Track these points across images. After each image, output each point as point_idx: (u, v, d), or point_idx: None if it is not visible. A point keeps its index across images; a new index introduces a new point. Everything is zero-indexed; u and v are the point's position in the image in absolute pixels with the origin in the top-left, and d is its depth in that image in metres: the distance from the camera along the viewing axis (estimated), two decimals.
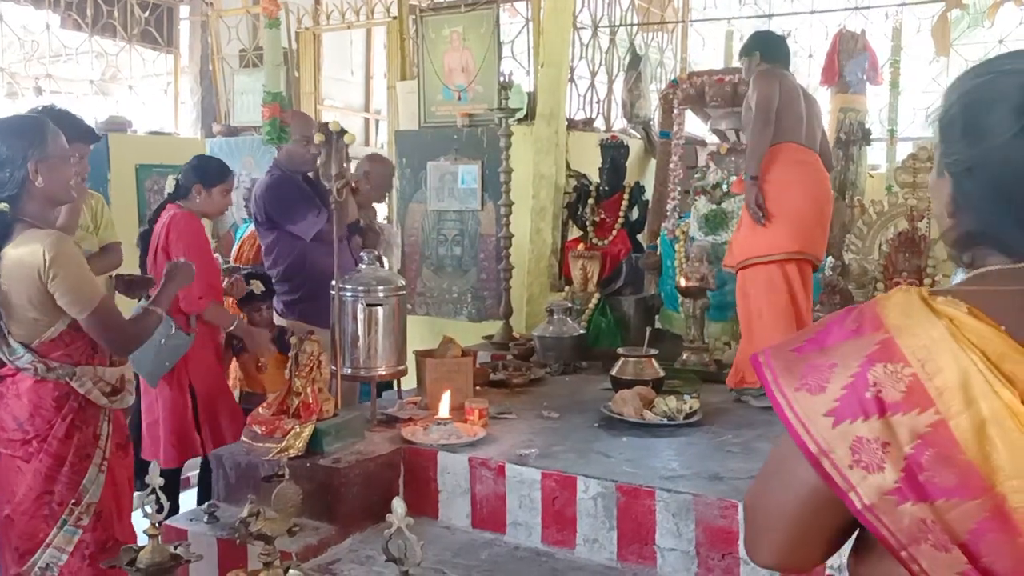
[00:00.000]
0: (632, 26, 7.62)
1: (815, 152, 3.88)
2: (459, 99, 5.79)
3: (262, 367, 3.13)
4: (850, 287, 4.55)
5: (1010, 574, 0.84)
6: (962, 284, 0.96)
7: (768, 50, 3.92)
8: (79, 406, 2.32)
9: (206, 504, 2.91)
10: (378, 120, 9.27)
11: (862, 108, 6.73)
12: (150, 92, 7.80)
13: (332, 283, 3.25)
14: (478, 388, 3.74)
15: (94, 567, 2.30)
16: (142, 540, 1.93)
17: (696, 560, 2.58)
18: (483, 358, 4.34)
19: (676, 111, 5.61)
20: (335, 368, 3.22)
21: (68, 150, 2.37)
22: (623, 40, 7.44)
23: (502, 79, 4.78)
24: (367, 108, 9.46)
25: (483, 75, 5.65)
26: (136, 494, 1.95)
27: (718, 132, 5.71)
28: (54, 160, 2.28)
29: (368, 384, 3.36)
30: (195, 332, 3.34)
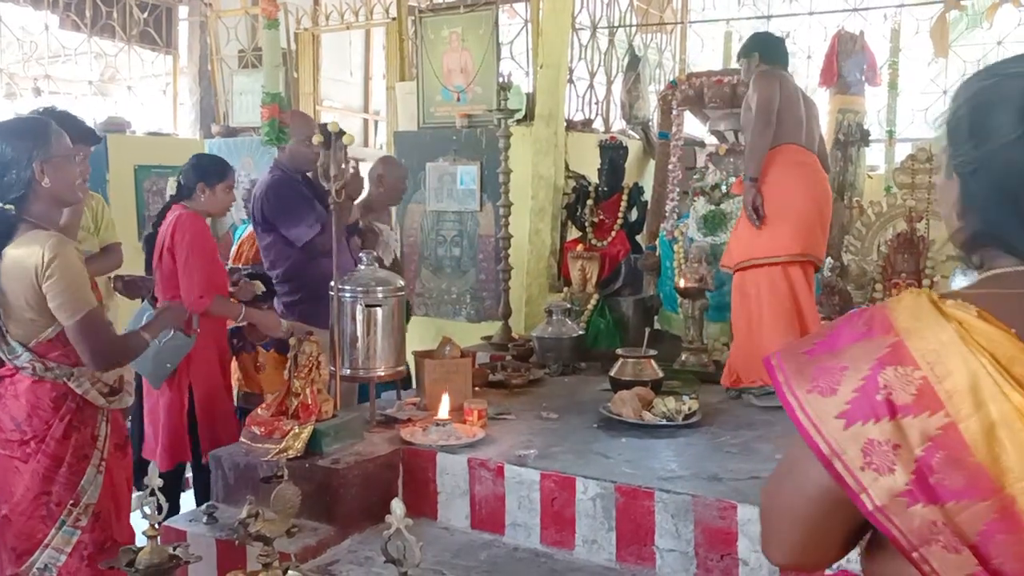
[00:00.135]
0: (631, 27, 7.62)
1: (814, 154, 3.89)
2: (458, 100, 5.80)
3: (260, 367, 3.12)
4: (849, 288, 4.56)
5: (1020, 575, 0.84)
6: (972, 287, 0.97)
7: (767, 51, 3.93)
8: (77, 406, 2.32)
9: (205, 505, 2.91)
10: (377, 121, 9.27)
11: (861, 109, 6.75)
12: (149, 93, 7.80)
13: (331, 284, 3.26)
14: (477, 389, 3.74)
15: (92, 568, 2.30)
16: (141, 541, 1.93)
17: (695, 561, 2.58)
18: (482, 359, 4.34)
19: (675, 112, 5.61)
20: (334, 369, 3.22)
21: (72, 150, 2.38)
22: (622, 41, 7.44)
23: (501, 80, 4.78)
24: (366, 109, 9.46)
25: (482, 76, 5.65)
26: (136, 495, 1.95)
27: (717, 133, 5.71)
28: (59, 160, 2.28)
29: (367, 384, 3.35)
30: (196, 333, 3.31)
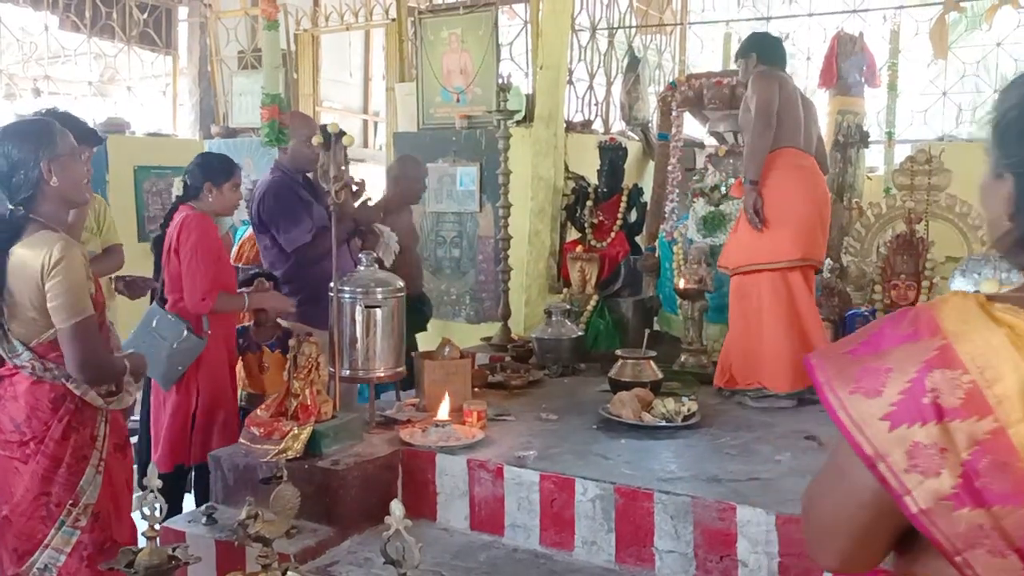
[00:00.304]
0: (630, 28, 7.63)
1: (812, 155, 3.89)
2: (457, 101, 5.80)
3: (265, 368, 3.11)
4: (848, 289, 4.56)
5: None
6: (1018, 290, 0.97)
7: (765, 51, 3.92)
8: (75, 407, 2.32)
9: (204, 506, 2.91)
10: (376, 122, 9.27)
11: (860, 110, 6.74)
12: (148, 93, 7.80)
13: (331, 285, 3.26)
14: (476, 390, 3.74)
15: (92, 568, 2.30)
16: (143, 542, 1.93)
17: (694, 562, 2.58)
18: (481, 360, 4.34)
19: (674, 113, 5.61)
20: (333, 370, 3.22)
21: (77, 148, 2.39)
22: (621, 42, 7.45)
23: (501, 81, 4.78)
24: (366, 110, 9.46)
25: (482, 77, 5.65)
26: (136, 495, 1.94)
27: (716, 134, 5.71)
28: (65, 159, 2.30)
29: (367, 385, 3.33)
30: (208, 335, 3.29)
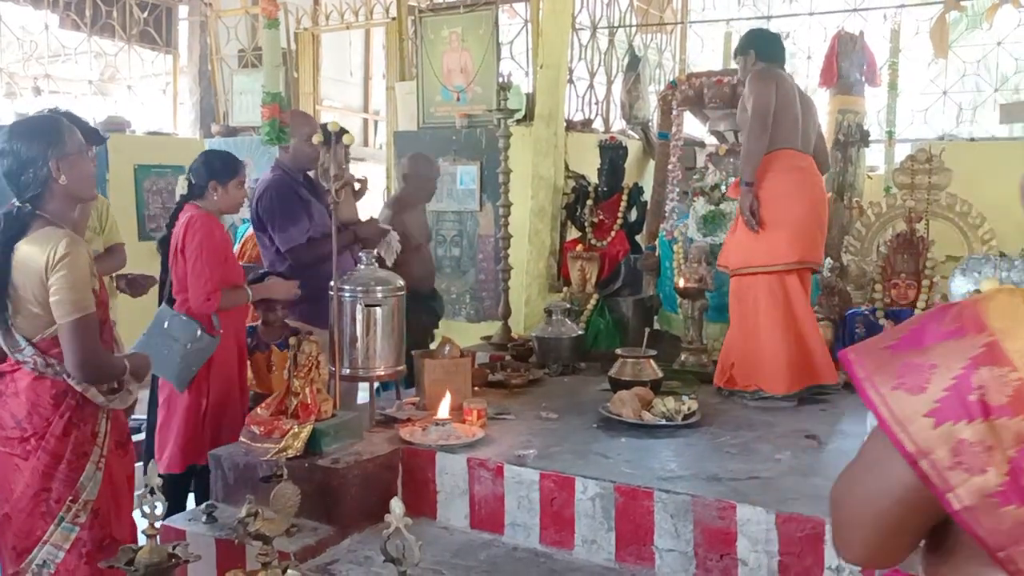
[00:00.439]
0: (631, 27, 7.63)
1: (810, 155, 3.87)
2: (458, 100, 5.80)
3: (272, 367, 3.09)
4: (848, 288, 4.56)
5: None
6: None
7: (763, 48, 3.89)
8: (77, 404, 2.32)
9: (204, 504, 2.91)
10: (377, 121, 9.27)
11: (860, 109, 6.75)
12: (149, 92, 7.80)
13: (331, 283, 3.25)
14: (476, 389, 3.74)
15: (91, 566, 2.30)
16: (143, 540, 1.92)
17: (694, 561, 2.58)
18: (482, 359, 4.34)
19: (675, 112, 5.61)
20: (333, 368, 3.22)
21: (85, 146, 2.39)
22: (622, 41, 7.45)
23: (501, 80, 4.77)
24: (366, 109, 9.46)
25: (482, 76, 5.65)
26: (137, 494, 1.94)
27: (717, 133, 5.72)
28: (73, 156, 2.31)
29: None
30: (220, 333, 3.27)
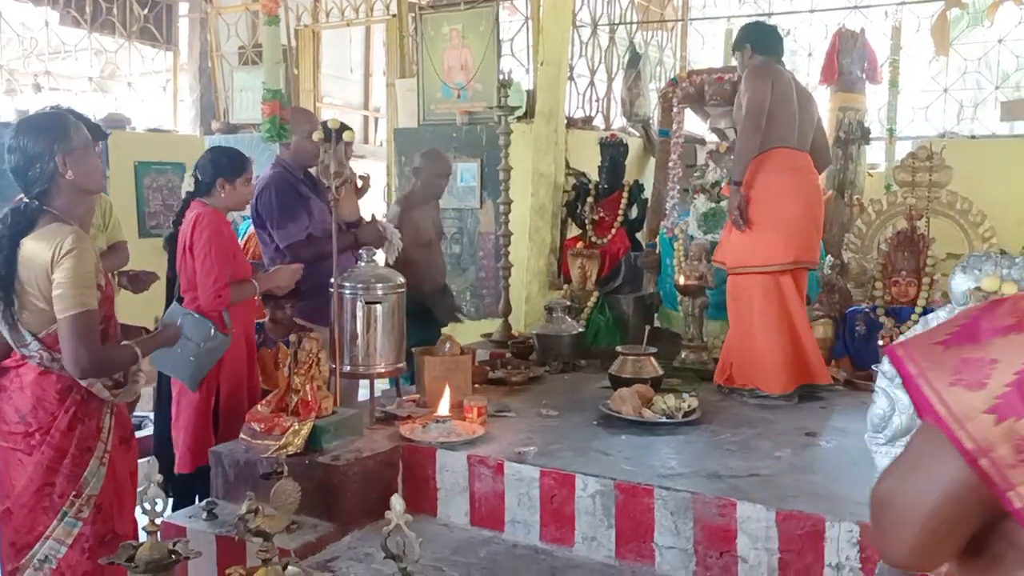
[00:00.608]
0: (632, 24, 7.62)
1: (806, 153, 3.84)
2: (458, 97, 5.80)
3: (279, 364, 3.08)
4: (849, 286, 4.56)
5: None
6: None
7: (758, 41, 3.86)
8: (82, 399, 2.33)
9: (205, 501, 2.91)
10: (377, 118, 9.27)
11: (861, 107, 6.74)
12: (149, 89, 7.79)
13: (331, 280, 3.25)
14: (477, 386, 3.75)
15: (93, 561, 2.29)
16: (144, 536, 1.92)
17: (694, 558, 2.58)
18: (482, 356, 4.34)
19: (675, 109, 5.60)
20: (334, 366, 3.22)
21: (91, 141, 2.39)
22: (622, 38, 7.44)
23: (501, 77, 4.77)
24: (366, 106, 9.46)
25: (482, 73, 5.65)
26: (139, 490, 1.94)
27: (717, 131, 5.70)
28: (80, 151, 2.31)
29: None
30: (231, 331, 3.27)
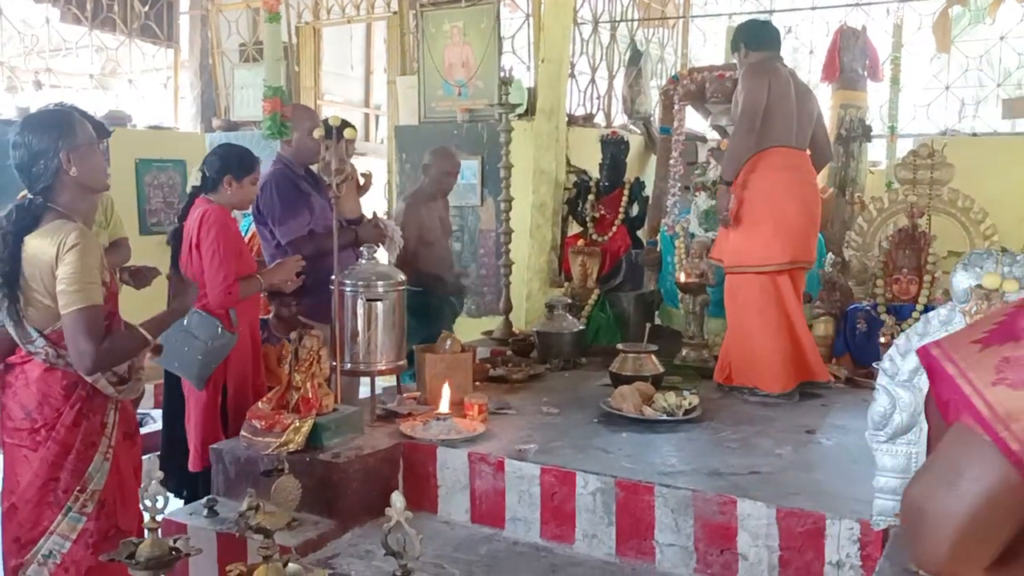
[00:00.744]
0: (633, 22, 7.61)
1: (804, 151, 3.83)
2: (459, 94, 5.79)
3: (284, 358, 3.08)
4: (850, 283, 4.55)
5: None
6: None
7: (752, 39, 3.85)
8: (87, 395, 2.34)
9: (206, 498, 2.91)
10: (378, 115, 9.25)
11: (863, 104, 6.73)
12: (150, 86, 7.78)
13: (332, 278, 3.26)
14: (477, 384, 3.75)
15: (96, 557, 2.30)
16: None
17: (695, 556, 2.58)
18: (483, 354, 4.34)
19: (676, 107, 5.60)
20: (335, 363, 3.22)
21: (96, 138, 2.40)
22: (624, 36, 7.44)
23: (502, 74, 4.76)
24: (367, 103, 9.44)
25: (483, 70, 5.65)
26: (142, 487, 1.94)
27: (718, 128, 5.70)
28: (84, 149, 2.32)
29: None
30: (238, 329, 3.27)
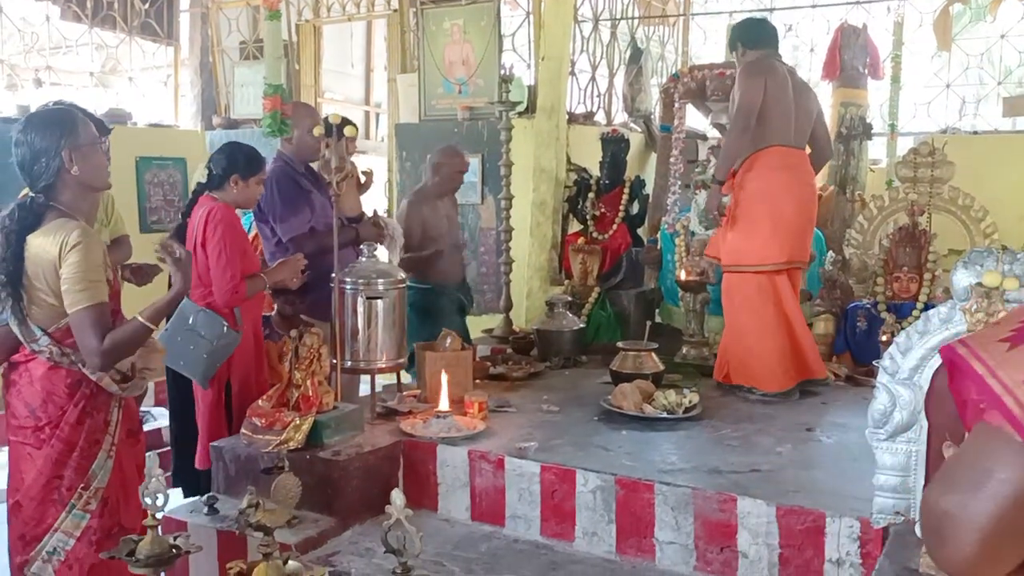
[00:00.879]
0: (633, 19, 7.61)
1: (802, 150, 3.82)
2: (459, 92, 5.79)
3: (284, 355, 3.08)
4: (850, 281, 4.55)
5: None
6: None
7: (747, 38, 3.85)
8: (91, 393, 2.34)
9: (206, 496, 2.92)
10: (378, 113, 9.25)
11: (863, 102, 6.72)
12: (150, 84, 7.77)
13: (332, 276, 3.26)
14: (478, 381, 3.75)
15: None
16: None
17: (694, 553, 2.59)
18: (483, 351, 4.34)
19: (677, 105, 5.60)
20: (335, 361, 3.22)
21: (98, 138, 2.40)
22: (624, 34, 7.43)
23: (503, 72, 4.76)
24: (367, 101, 9.43)
25: (484, 68, 5.64)
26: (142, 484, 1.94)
27: (719, 126, 5.70)
28: (86, 148, 2.32)
29: None
30: (242, 328, 3.27)
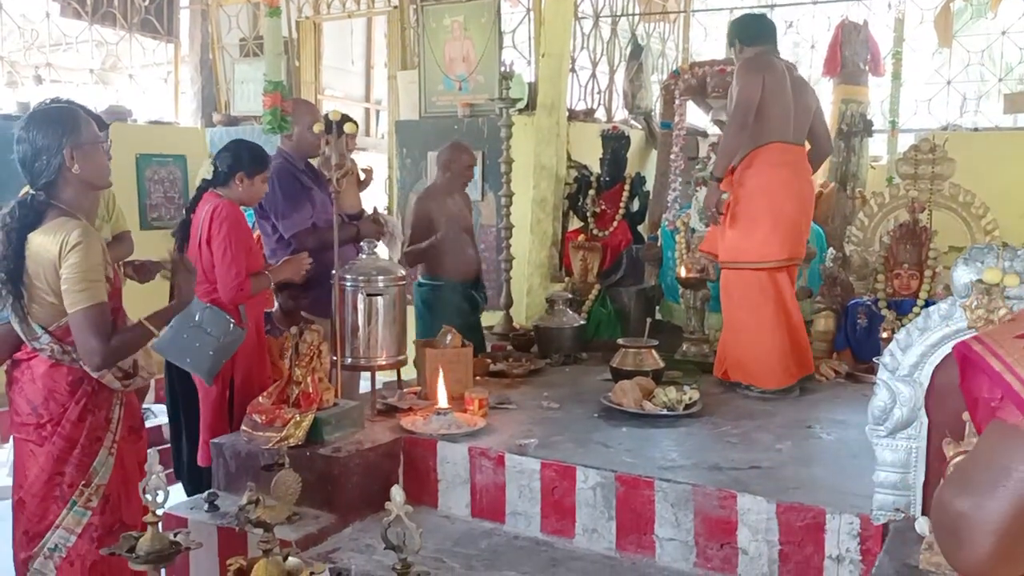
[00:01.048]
0: (634, 16, 7.60)
1: (801, 146, 3.82)
2: (460, 89, 5.79)
3: (286, 350, 3.08)
4: (851, 278, 4.55)
5: None
6: None
7: (745, 34, 3.84)
8: (92, 390, 2.35)
9: (206, 493, 2.92)
10: (379, 110, 9.24)
11: (864, 99, 6.72)
12: (150, 81, 7.77)
13: (332, 272, 3.26)
14: (478, 378, 3.75)
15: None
16: None
17: (694, 550, 2.59)
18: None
19: (677, 102, 5.59)
20: (335, 357, 3.22)
21: (100, 136, 2.39)
22: (624, 30, 7.42)
23: (503, 69, 4.76)
24: (367, 98, 9.43)
25: (484, 65, 5.64)
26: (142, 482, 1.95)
27: (719, 123, 5.70)
28: (88, 146, 2.32)
29: None
30: (247, 325, 3.26)
